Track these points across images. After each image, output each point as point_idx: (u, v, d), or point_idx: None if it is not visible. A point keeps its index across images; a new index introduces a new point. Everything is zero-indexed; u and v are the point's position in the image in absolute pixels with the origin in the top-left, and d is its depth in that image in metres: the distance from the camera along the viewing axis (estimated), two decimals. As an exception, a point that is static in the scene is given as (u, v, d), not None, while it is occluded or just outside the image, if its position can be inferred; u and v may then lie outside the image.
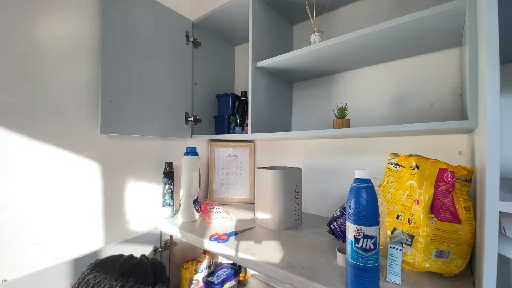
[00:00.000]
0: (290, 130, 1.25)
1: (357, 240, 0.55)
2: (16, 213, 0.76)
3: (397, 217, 0.69)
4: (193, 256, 1.29)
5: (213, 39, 1.38)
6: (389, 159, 0.73)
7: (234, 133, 1.26)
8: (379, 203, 0.61)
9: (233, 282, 1.19)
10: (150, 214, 1.12)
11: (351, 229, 0.56)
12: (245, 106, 1.24)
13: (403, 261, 0.60)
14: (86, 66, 0.90)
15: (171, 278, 1.17)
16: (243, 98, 1.27)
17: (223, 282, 1.14)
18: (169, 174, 1.11)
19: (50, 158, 0.83)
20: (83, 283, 0.57)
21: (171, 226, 1.01)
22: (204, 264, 1.22)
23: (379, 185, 0.74)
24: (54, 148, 0.83)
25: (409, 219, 0.66)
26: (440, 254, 0.61)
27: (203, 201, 1.27)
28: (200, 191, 1.12)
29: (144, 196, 1.10)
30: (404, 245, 0.65)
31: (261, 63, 1.01)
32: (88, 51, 0.91)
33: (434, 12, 0.64)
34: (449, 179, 0.62)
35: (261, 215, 1.01)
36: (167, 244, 1.15)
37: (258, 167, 1.28)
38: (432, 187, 0.64)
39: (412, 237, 0.65)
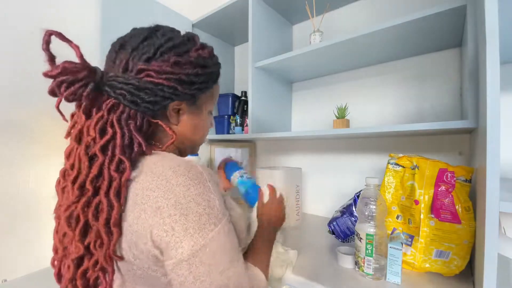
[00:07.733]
0: (290, 130, 1.25)
1: None
2: (16, 213, 0.76)
3: (397, 217, 0.69)
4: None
5: (213, 39, 1.38)
6: (389, 159, 0.73)
7: (234, 133, 1.26)
8: (379, 203, 0.61)
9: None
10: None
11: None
12: (245, 106, 1.24)
13: (403, 261, 0.60)
14: (86, 66, 0.90)
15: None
16: (243, 98, 1.27)
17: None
18: (169, 174, 1.10)
19: (49, 158, 0.82)
20: None
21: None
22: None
23: (379, 185, 0.74)
24: (53, 147, 0.83)
25: (409, 219, 0.66)
26: (440, 254, 0.61)
27: (203, 201, 1.27)
28: (200, 191, 1.11)
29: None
30: (404, 245, 0.65)
31: (261, 63, 1.01)
32: (87, 51, 0.91)
33: (434, 12, 0.64)
34: (449, 179, 0.62)
35: (261, 215, 1.01)
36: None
37: (258, 167, 1.28)
38: (432, 187, 0.64)
39: (412, 237, 0.65)
